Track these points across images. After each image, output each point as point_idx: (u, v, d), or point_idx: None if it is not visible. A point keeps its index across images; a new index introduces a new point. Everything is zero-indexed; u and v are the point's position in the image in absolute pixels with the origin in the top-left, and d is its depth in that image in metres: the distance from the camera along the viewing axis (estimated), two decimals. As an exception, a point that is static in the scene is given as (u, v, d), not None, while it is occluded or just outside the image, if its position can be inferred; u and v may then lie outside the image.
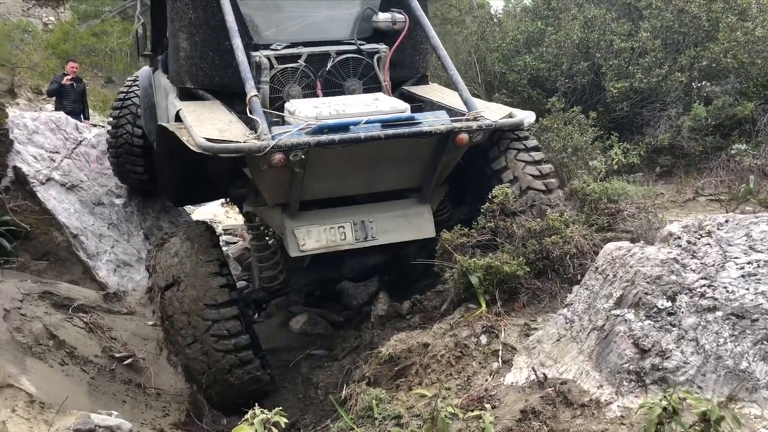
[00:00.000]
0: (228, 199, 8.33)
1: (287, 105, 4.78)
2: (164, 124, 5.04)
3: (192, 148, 4.28)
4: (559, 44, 7.31)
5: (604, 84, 7.06)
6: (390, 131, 4.26)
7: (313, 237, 4.79)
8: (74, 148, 7.69)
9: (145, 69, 7.27)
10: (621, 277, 3.22)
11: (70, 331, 5.00)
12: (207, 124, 4.53)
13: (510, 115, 4.82)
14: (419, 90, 5.59)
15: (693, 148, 6.63)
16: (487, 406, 2.86)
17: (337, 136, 4.17)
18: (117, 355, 4.99)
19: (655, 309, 3.00)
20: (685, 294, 3.00)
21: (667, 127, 6.66)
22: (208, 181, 5.62)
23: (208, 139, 4.16)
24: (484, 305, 4.03)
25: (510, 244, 4.26)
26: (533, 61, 7.40)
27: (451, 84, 5.09)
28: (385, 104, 4.67)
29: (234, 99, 4.94)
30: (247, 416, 2.11)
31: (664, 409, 2.20)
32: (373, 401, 3.49)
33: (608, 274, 3.33)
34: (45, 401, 3.69)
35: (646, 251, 3.27)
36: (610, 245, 3.49)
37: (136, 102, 7.36)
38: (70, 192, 7.16)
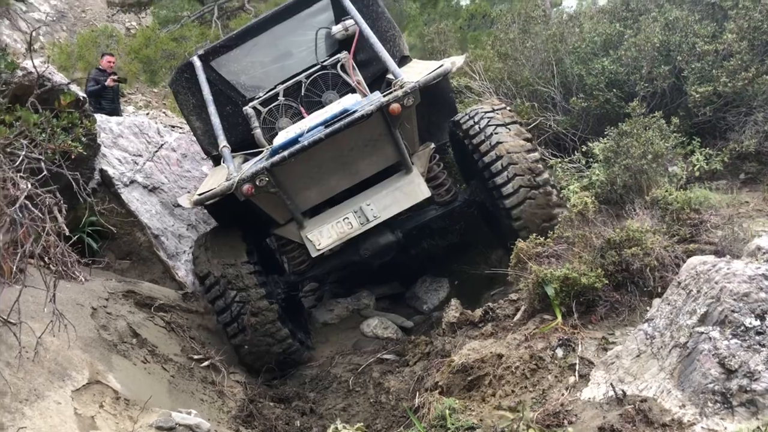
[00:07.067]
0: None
1: (275, 139, 5.35)
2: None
3: (187, 206, 5.30)
4: (638, 47, 7.07)
5: (685, 88, 6.78)
6: (329, 130, 4.80)
7: (324, 235, 5.41)
8: (156, 152, 7.95)
9: None
10: (705, 293, 3.11)
11: (151, 330, 5.19)
12: (208, 183, 5.38)
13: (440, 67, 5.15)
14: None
15: (782, 155, 6.35)
16: (565, 422, 2.81)
17: (287, 152, 4.80)
18: (195, 357, 5.15)
19: (742, 327, 2.89)
20: (776, 313, 2.88)
21: (753, 132, 6.34)
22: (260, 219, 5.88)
23: (200, 194, 4.96)
24: (560, 317, 3.96)
25: (587, 254, 4.16)
26: (611, 64, 7.19)
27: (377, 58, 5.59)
28: (341, 105, 5.13)
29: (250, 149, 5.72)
30: (330, 430, 2.15)
31: (757, 437, 2.11)
32: (446, 411, 3.49)
33: (692, 290, 3.22)
34: (129, 398, 3.84)
35: (733, 266, 3.14)
36: (694, 259, 3.37)
37: None
38: (151, 194, 7.41)
